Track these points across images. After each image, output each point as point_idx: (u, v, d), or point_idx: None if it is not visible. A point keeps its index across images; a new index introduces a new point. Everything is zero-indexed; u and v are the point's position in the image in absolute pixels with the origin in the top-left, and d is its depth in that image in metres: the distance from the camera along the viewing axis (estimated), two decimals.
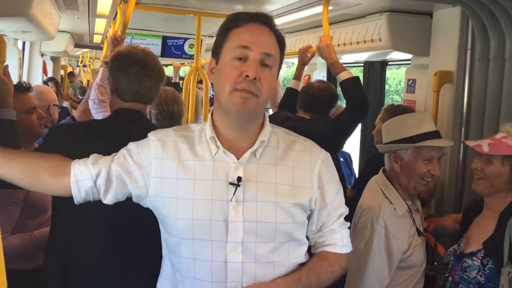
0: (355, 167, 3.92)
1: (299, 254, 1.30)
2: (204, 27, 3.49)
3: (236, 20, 1.24)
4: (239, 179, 1.21)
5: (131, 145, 1.32)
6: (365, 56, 3.54)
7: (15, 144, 1.61)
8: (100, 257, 1.61)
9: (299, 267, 1.29)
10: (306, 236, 1.34)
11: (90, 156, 1.31)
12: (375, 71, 3.77)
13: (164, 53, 5.00)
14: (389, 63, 3.75)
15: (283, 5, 2.98)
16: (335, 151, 2.55)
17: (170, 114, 2.41)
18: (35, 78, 5.60)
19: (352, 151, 3.91)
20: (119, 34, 2.69)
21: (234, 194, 1.21)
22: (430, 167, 1.81)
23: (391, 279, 1.76)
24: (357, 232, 1.79)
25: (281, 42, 1.27)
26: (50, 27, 3.53)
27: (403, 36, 2.78)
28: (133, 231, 1.61)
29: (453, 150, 2.45)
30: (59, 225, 1.66)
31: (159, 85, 1.80)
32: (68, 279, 1.60)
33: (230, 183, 1.22)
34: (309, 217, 1.31)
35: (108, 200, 1.30)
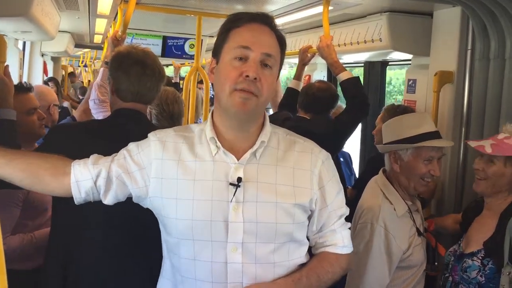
0: (355, 167, 3.92)
1: (299, 254, 1.30)
2: (204, 27, 3.49)
3: (236, 20, 1.24)
4: (239, 179, 1.21)
5: (131, 146, 1.32)
6: (366, 56, 3.54)
7: (15, 144, 1.61)
8: (100, 257, 1.61)
9: (300, 268, 1.29)
10: (307, 237, 1.33)
11: (90, 156, 1.31)
12: (376, 71, 3.76)
13: (164, 53, 5.00)
14: (390, 63, 3.74)
15: (284, 5, 2.97)
16: (335, 151, 2.55)
17: (170, 114, 2.41)
18: (35, 78, 5.59)
19: (352, 151, 3.90)
20: (119, 34, 2.68)
21: (234, 195, 1.20)
22: (430, 168, 1.80)
23: (391, 279, 1.76)
24: (357, 232, 1.79)
25: (281, 42, 1.27)
26: (50, 27, 3.53)
27: (403, 36, 2.78)
28: (133, 231, 1.61)
29: (453, 151, 2.45)
30: (59, 225, 1.66)
31: (159, 85, 1.80)
32: (67, 279, 1.60)
33: (230, 184, 1.21)
34: (309, 218, 1.31)
35: (108, 200, 1.30)
